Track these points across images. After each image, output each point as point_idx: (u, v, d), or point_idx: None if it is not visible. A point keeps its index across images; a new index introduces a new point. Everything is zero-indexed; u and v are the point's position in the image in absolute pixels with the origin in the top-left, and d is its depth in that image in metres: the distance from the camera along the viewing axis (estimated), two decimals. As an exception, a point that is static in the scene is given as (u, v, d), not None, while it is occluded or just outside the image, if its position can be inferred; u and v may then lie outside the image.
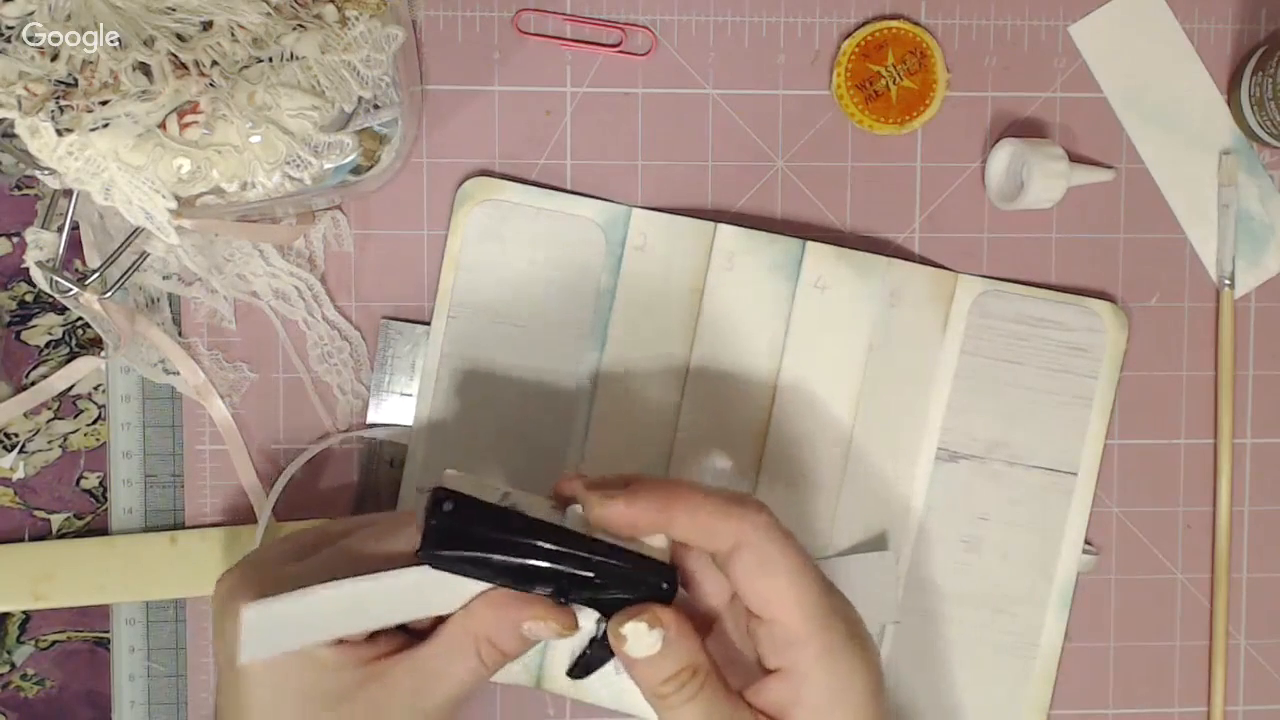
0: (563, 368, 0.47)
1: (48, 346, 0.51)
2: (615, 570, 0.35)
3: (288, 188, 0.39)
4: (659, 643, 0.34)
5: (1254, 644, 0.50)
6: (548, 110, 0.48)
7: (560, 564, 0.35)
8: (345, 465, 0.48)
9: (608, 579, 0.35)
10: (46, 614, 0.51)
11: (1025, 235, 0.49)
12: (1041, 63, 0.49)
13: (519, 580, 0.35)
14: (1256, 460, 0.50)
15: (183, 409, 0.48)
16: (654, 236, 0.47)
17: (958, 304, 0.48)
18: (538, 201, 0.47)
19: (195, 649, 0.48)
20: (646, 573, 0.36)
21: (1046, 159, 0.46)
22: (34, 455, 0.51)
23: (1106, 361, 0.48)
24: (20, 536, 0.51)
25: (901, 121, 0.48)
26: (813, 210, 0.48)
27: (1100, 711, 0.49)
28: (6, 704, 0.52)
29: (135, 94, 0.35)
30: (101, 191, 0.37)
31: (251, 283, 0.47)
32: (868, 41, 0.47)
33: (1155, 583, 0.49)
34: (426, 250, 0.48)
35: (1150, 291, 0.49)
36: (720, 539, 0.35)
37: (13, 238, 0.51)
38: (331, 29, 0.37)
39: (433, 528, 0.35)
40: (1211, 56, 0.49)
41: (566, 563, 0.35)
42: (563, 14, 0.48)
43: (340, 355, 0.48)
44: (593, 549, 0.35)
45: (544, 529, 0.36)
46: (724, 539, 0.35)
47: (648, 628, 0.34)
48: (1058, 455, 0.48)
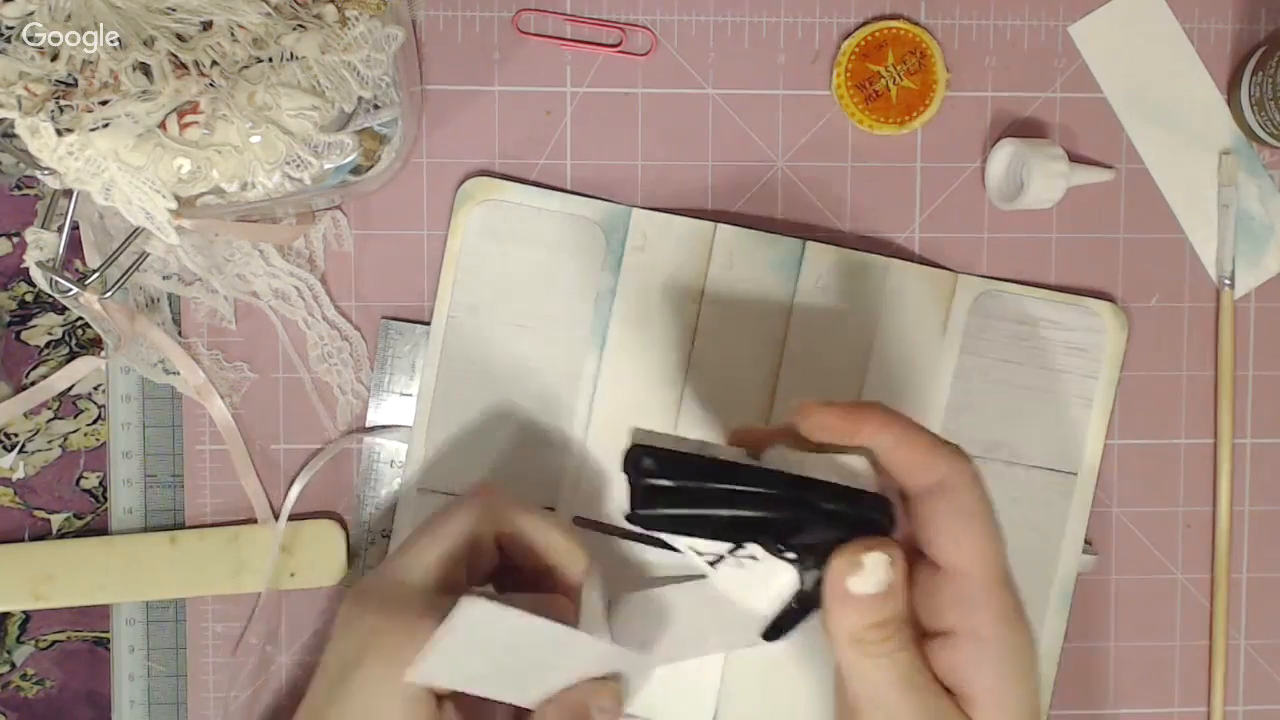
0: (563, 368, 0.47)
1: (48, 346, 0.51)
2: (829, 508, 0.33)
3: (288, 188, 0.39)
4: (886, 581, 0.32)
5: (1254, 644, 0.50)
6: (548, 110, 0.48)
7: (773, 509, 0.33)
8: (345, 465, 0.48)
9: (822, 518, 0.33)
10: (46, 614, 0.51)
11: (1025, 235, 0.49)
12: (1041, 63, 0.49)
13: (732, 530, 0.33)
14: (1256, 460, 0.50)
15: (183, 409, 0.48)
16: (654, 236, 0.47)
17: (958, 304, 0.48)
18: (538, 201, 0.47)
19: (195, 649, 0.48)
20: (863, 506, 0.33)
21: (1046, 159, 0.46)
22: (34, 455, 0.51)
23: (1106, 361, 0.48)
24: (20, 536, 0.51)
25: (901, 121, 0.48)
26: (813, 210, 0.48)
27: (1100, 711, 0.49)
28: (6, 704, 0.52)
29: (135, 94, 0.35)
30: (101, 191, 0.37)
31: (251, 283, 0.47)
32: (868, 41, 0.47)
33: (1155, 583, 0.49)
34: (426, 250, 0.48)
35: (1150, 292, 0.49)
36: (928, 473, 0.33)
37: (13, 238, 0.51)
38: (331, 29, 0.37)
39: (639, 488, 0.33)
40: (1211, 56, 0.49)
41: (779, 506, 0.33)
42: (563, 14, 0.48)
43: (340, 355, 0.48)
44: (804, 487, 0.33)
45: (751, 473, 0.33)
46: (931, 474, 0.33)
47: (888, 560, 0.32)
48: (1058, 455, 0.48)
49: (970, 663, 0.33)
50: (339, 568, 0.48)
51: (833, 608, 0.33)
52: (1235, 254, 0.49)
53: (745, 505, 0.33)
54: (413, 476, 0.47)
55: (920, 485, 0.34)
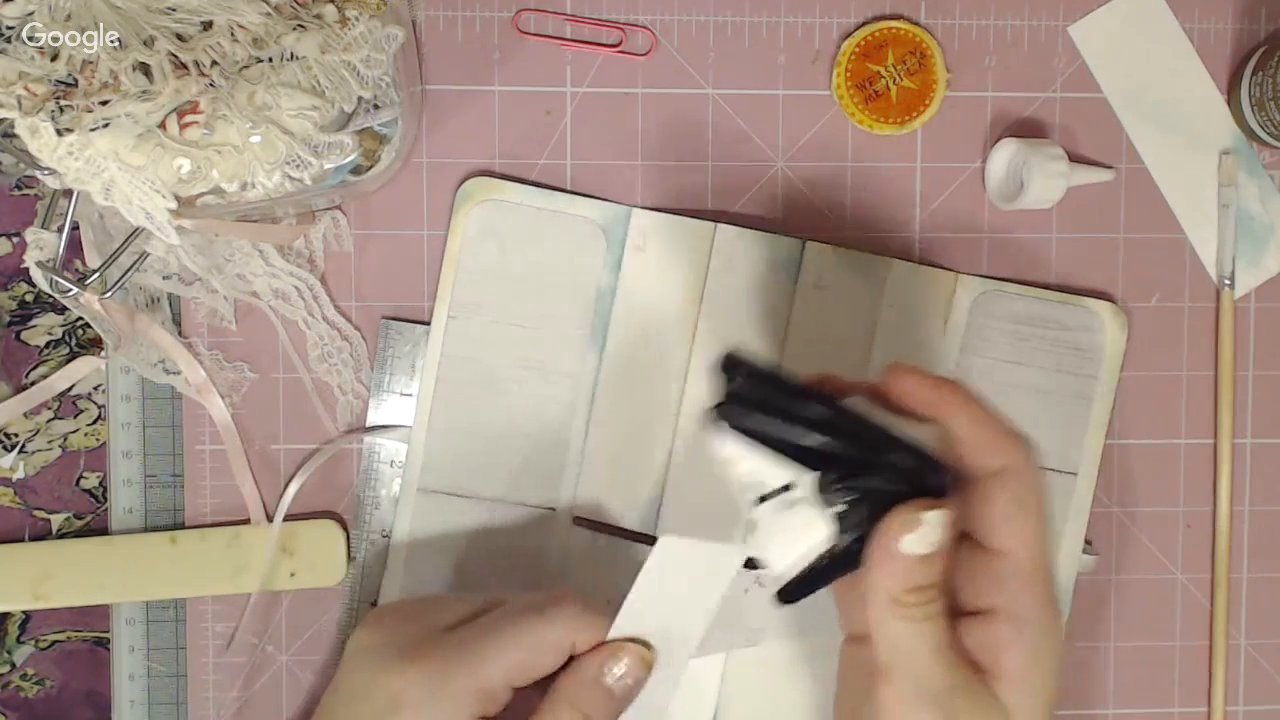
0: (563, 368, 0.47)
1: (48, 346, 0.51)
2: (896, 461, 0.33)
3: (288, 188, 0.39)
4: (940, 542, 0.32)
5: (1254, 644, 0.50)
6: (548, 110, 0.48)
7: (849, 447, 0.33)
8: (345, 465, 0.48)
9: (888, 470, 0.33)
10: (46, 614, 0.51)
11: (1025, 235, 0.49)
12: (1041, 63, 0.49)
13: (803, 457, 0.34)
14: (1256, 460, 0.50)
15: (183, 409, 0.48)
16: (654, 236, 0.47)
17: (958, 304, 0.48)
18: (538, 201, 0.47)
19: (195, 649, 0.48)
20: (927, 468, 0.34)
21: (1046, 159, 0.46)
22: (34, 455, 0.51)
23: (1106, 361, 0.48)
24: (20, 536, 0.51)
25: (901, 121, 0.48)
26: (813, 210, 0.48)
27: (1100, 711, 0.49)
28: (6, 704, 0.52)
29: (135, 94, 0.35)
30: (101, 191, 0.37)
31: (251, 283, 0.47)
32: (868, 41, 0.47)
33: (1155, 583, 0.49)
34: (426, 250, 0.48)
35: (1150, 291, 0.49)
36: (997, 455, 0.34)
37: (13, 238, 0.51)
38: (331, 29, 0.37)
39: (732, 389, 0.34)
40: (1211, 56, 0.49)
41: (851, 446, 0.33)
42: (563, 14, 0.48)
43: (340, 355, 0.48)
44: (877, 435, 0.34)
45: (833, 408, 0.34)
46: (997, 458, 0.34)
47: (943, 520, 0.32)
48: (1058, 455, 0.48)
49: (1006, 641, 0.33)
50: (339, 568, 0.48)
51: (880, 564, 0.33)
52: (1235, 254, 0.49)
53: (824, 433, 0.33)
54: (413, 476, 0.47)
55: (987, 467, 0.34)
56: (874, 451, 0.33)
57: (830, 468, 0.33)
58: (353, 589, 0.48)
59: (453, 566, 0.47)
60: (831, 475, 0.33)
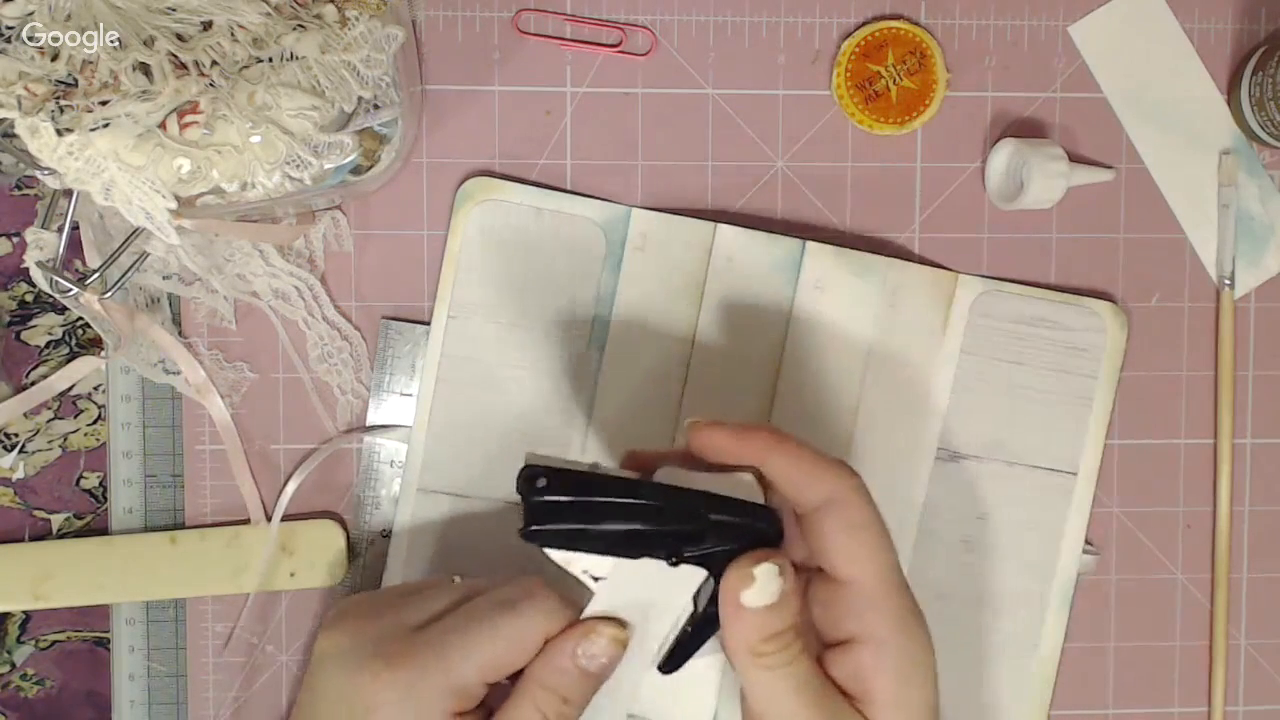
0: (563, 368, 0.47)
1: (48, 346, 0.51)
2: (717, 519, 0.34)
3: (288, 188, 0.39)
4: (779, 592, 0.33)
5: (1254, 644, 0.50)
6: (548, 110, 0.48)
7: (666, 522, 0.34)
8: (345, 465, 0.48)
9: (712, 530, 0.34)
10: (46, 614, 0.51)
11: (1025, 235, 0.49)
12: (1041, 63, 0.49)
13: (626, 545, 0.34)
14: (1256, 460, 0.50)
15: (183, 409, 0.48)
16: (654, 236, 0.47)
17: (958, 304, 0.48)
18: (538, 201, 0.47)
19: (195, 649, 0.48)
20: (750, 517, 0.34)
21: (1046, 159, 0.46)
22: (34, 455, 0.51)
23: (1106, 361, 0.48)
24: (20, 536, 0.51)
25: (901, 121, 0.48)
26: (813, 210, 0.48)
27: (1100, 711, 0.49)
28: (6, 704, 0.52)
29: (135, 94, 0.35)
30: (101, 191, 0.37)
31: (251, 283, 0.47)
32: (868, 41, 0.47)
33: (1155, 583, 0.49)
34: (426, 250, 0.48)
35: (1150, 291, 0.49)
36: (816, 489, 0.34)
37: (13, 238, 0.51)
38: (331, 29, 0.37)
39: (532, 505, 0.34)
40: (1211, 56, 0.49)
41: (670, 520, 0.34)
42: (563, 14, 0.48)
43: (340, 355, 0.48)
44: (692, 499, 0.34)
45: (643, 488, 0.34)
46: (819, 490, 0.34)
47: (777, 571, 0.33)
48: (1058, 455, 0.48)
49: (868, 666, 0.34)
50: (339, 568, 0.48)
51: (728, 622, 0.34)
52: (1235, 254, 0.49)
53: (637, 519, 0.34)
54: (413, 476, 0.47)
55: (810, 501, 0.35)
56: (692, 519, 0.34)
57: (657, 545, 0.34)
58: (352, 589, 0.48)
59: (452, 566, 0.47)
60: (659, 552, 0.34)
